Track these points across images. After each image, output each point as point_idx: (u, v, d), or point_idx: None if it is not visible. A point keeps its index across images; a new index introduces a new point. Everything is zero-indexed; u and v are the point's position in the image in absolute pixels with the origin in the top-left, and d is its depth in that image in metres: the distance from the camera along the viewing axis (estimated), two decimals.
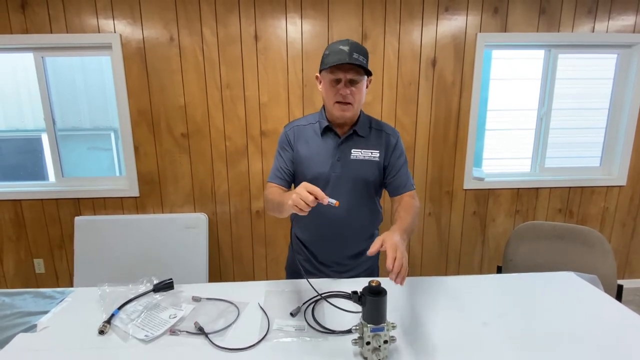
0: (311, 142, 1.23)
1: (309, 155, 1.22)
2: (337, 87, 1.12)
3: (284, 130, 1.29)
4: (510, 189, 2.61)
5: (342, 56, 1.07)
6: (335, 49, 1.10)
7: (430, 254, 2.69)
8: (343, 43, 1.10)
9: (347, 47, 1.08)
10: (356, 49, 1.09)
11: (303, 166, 1.23)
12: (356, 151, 1.21)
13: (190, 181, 2.46)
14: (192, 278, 2.35)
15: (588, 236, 1.58)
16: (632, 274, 2.83)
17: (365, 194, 1.24)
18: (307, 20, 2.28)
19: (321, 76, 1.18)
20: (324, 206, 1.17)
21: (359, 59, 1.08)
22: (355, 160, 1.20)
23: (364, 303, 0.83)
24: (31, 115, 3.30)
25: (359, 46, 1.11)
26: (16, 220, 2.47)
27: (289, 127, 1.29)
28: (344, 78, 1.10)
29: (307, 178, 1.21)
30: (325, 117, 1.23)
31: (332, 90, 1.13)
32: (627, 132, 2.56)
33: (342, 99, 1.12)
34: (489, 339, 0.91)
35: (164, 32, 2.25)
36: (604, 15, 2.38)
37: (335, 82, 1.12)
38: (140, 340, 0.91)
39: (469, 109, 2.45)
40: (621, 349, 0.87)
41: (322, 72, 1.15)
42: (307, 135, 1.24)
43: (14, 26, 2.20)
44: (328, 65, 1.09)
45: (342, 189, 1.20)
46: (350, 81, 1.11)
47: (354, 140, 1.21)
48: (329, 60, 1.09)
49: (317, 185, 1.16)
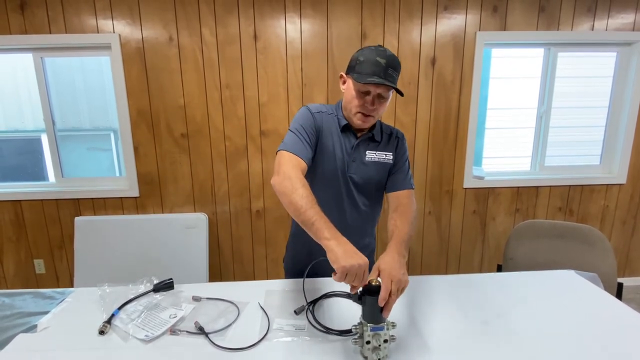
0: (333, 136, 1.17)
1: (329, 148, 1.16)
2: (365, 99, 1.07)
3: (309, 110, 1.16)
4: (510, 188, 2.60)
5: (377, 69, 1.02)
6: (371, 59, 1.03)
7: (431, 252, 2.69)
8: (380, 54, 1.03)
9: (384, 61, 1.02)
10: (392, 64, 1.04)
11: (321, 158, 1.16)
12: (371, 153, 1.19)
13: (190, 181, 2.46)
14: (192, 278, 2.35)
15: (588, 234, 1.58)
16: (632, 272, 2.83)
17: (373, 195, 1.25)
18: (306, 19, 2.28)
19: (347, 78, 1.12)
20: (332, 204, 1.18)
21: (393, 75, 1.04)
22: (370, 162, 1.19)
23: (363, 302, 0.83)
24: (31, 116, 3.30)
25: (394, 60, 1.05)
26: (16, 221, 2.47)
27: (314, 109, 1.17)
28: (374, 92, 1.06)
29: (318, 171, 1.17)
30: (342, 115, 1.18)
31: (358, 101, 1.09)
32: (627, 130, 2.56)
33: (367, 112, 1.09)
34: (489, 337, 0.91)
35: (163, 33, 2.25)
36: (604, 13, 2.38)
37: (363, 94, 1.07)
38: (141, 340, 0.91)
39: (469, 107, 2.45)
40: (621, 347, 0.87)
41: (350, 76, 1.09)
42: (331, 127, 1.17)
43: (13, 27, 2.19)
44: (362, 80, 1.03)
45: (352, 190, 1.20)
46: (378, 95, 1.07)
47: (369, 143, 1.20)
48: (363, 71, 1.04)
49: (329, 184, 1.17)
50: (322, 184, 1.17)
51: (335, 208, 1.19)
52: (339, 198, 1.20)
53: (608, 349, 0.86)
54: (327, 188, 1.18)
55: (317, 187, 1.11)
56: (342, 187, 1.19)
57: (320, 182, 1.17)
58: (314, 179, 1.17)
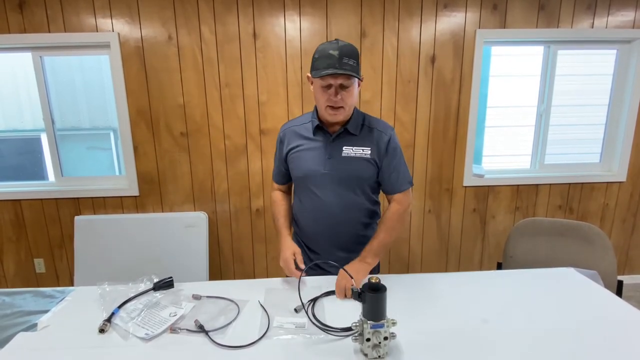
0: (303, 141, 1.26)
1: (300, 154, 1.25)
2: (328, 93, 1.12)
3: (280, 131, 1.34)
4: (510, 186, 2.60)
5: (331, 61, 1.07)
6: (324, 52, 1.09)
7: (431, 251, 2.69)
8: (332, 46, 1.09)
9: (337, 52, 1.07)
10: (346, 53, 1.08)
11: (295, 164, 1.26)
12: (347, 148, 1.21)
13: (190, 180, 2.46)
14: (192, 277, 2.33)
15: (588, 232, 1.57)
16: (632, 270, 2.83)
17: (359, 190, 1.25)
18: (305, 17, 2.27)
19: (312, 77, 1.17)
20: (319, 204, 1.25)
21: (349, 63, 1.08)
22: (347, 158, 1.21)
23: (364, 300, 0.83)
24: (30, 116, 3.29)
25: (349, 48, 1.10)
26: (16, 221, 2.47)
27: (282, 128, 1.34)
28: (335, 84, 1.10)
29: (299, 175, 1.26)
30: (316, 116, 1.24)
31: (323, 95, 1.14)
32: (627, 128, 2.56)
33: (333, 104, 1.13)
34: (489, 335, 0.91)
35: (162, 31, 2.24)
36: (603, 10, 2.37)
37: (326, 88, 1.12)
38: (141, 338, 0.91)
39: (469, 106, 2.45)
40: (621, 345, 0.87)
41: (313, 74, 1.15)
42: (300, 135, 1.27)
43: (11, 26, 2.19)
44: (318, 74, 1.08)
45: (334, 186, 1.22)
46: (340, 86, 1.11)
47: (346, 138, 1.22)
48: (319, 66, 1.09)
49: (309, 183, 1.26)
50: (307, 183, 1.25)
51: (323, 203, 1.24)
52: (325, 194, 1.24)
53: (608, 346, 0.86)
54: (312, 186, 1.25)
55: (304, 186, 1.27)
56: (325, 184, 1.23)
57: (304, 182, 1.26)
58: (300, 182, 1.29)
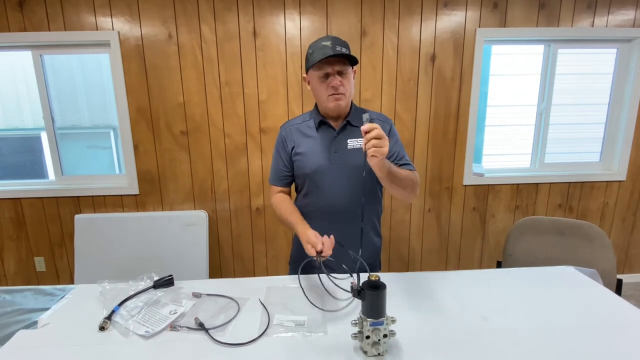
0: (307, 138, 1.26)
1: (306, 151, 1.25)
2: (328, 81, 1.16)
3: (279, 131, 1.33)
4: (510, 185, 2.60)
5: (326, 50, 1.11)
6: (318, 46, 1.14)
7: (431, 249, 2.70)
8: (324, 40, 1.14)
9: (329, 42, 1.12)
10: (338, 43, 1.13)
11: (302, 162, 1.25)
12: (352, 141, 1.23)
13: (190, 179, 2.46)
14: (192, 276, 2.33)
15: (588, 231, 1.58)
16: (631, 269, 2.83)
17: (367, 182, 1.25)
18: (305, 16, 2.27)
19: (309, 76, 1.21)
20: (326, 196, 1.24)
21: (342, 49, 1.12)
22: (353, 150, 1.22)
23: (363, 297, 0.83)
24: (30, 114, 3.29)
25: (340, 40, 1.15)
26: (16, 219, 2.48)
27: (283, 127, 1.33)
28: (332, 70, 1.14)
29: (307, 172, 1.25)
30: (318, 113, 1.26)
31: (323, 85, 1.17)
32: (627, 127, 2.55)
33: (335, 90, 1.16)
34: (489, 333, 0.91)
35: (162, 30, 2.24)
36: (604, 9, 2.37)
37: (324, 77, 1.16)
38: (141, 336, 0.91)
39: (469, 104, 2.45)
40: (621, 343, 0.87)
41: (310, 71, 1.19)
42: (303, 133, 1.27)
43: (11, 24, 2.19)
44: (315, 62, 1.12)
45: (342, 179, 1.22)
46: (338, 72, 1.14)
47: (349, 131, 1.24)
48: (315, 57, 1.13)
49: (317, 178, 1.24)
50: (315, 179, 1.24)
51: (332, 197, 1.24)
52: (332, 189, 1.24)
53: (607, 344, 0.86)
54: (319, 182, 1.24)
55: (311, 183, 1.26)
56: (334, 178, 1.23)
57: (311, 179, 1.25)
58: (307, 179, 1.26)
